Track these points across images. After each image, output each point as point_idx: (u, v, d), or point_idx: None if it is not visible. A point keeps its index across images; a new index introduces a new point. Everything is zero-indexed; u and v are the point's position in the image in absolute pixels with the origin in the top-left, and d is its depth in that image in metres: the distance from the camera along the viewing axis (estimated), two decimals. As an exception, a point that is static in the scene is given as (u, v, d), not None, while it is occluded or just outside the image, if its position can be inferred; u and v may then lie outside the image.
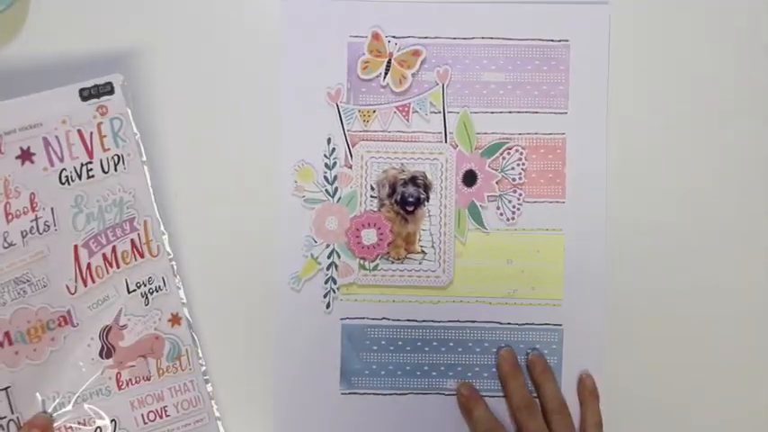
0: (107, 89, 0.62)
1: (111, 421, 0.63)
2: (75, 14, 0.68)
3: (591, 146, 0.69)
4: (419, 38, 0.69)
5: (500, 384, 0.68)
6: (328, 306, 0.68)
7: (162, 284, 0.64)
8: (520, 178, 0.69)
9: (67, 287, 0.62)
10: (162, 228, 0.64)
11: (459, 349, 0.69)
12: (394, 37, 0.68)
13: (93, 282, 0.62)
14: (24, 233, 0.60)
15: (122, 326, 0.63)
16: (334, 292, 0.68)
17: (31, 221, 0.61)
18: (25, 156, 0.61)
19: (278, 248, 0.68)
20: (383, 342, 0.68)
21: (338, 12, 0.68)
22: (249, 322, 0.68)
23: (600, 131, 0.69)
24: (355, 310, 0.68)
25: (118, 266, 0.62)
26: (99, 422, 0.63)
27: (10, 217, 0.60)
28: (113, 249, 0.62)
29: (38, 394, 0.62)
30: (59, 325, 0.62)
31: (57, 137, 0.61)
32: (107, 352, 0.63)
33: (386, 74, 0.68)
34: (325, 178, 0.68)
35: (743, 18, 0.70)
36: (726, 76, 0.70)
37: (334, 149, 0.69)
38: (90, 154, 0.62)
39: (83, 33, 0.68)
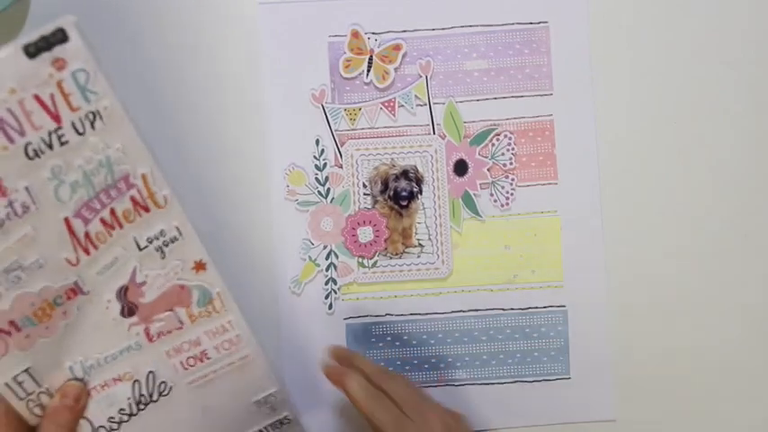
0: (58, 37, 0.49)
1: (149, 374, 0.58)
2: (75, 15, 0.68)
3: (579, 125, 0.69)
4: (398, 32, 0.69)
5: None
6: (330, 307, 0.68)
7: (177, 234, 0.56)
8: (511, 163, 0.69)
9: (67, 260, 0.54)
10: (165, 175, 0.56)
11: (465, 339, 0.69)
12: (373, 33, 0.68)
13: (96, 248, 0.54)
14: (1, 221, 0.51)
15: (140, 283, 0.57)
16: (335, 292, 0.68)
17: (5, 207, 0.51)
18: None
19: (275, 254, 0.68)
20: (388, 338, 0.68)
21: (316, 13, 0.68)
22: (252, 329, 0.68)
23: (587, 110, 0.69)
24: (358, 309, 0.68)
25: (121, 227, 0.55)
26: (135, 376, 0.58)
27: None
28: (112, 212, 0.54)
29: (64, 364, 0.57)
30: (68, 298, 0.55)
31: (9, 109, 0.49)
32: (129, 310, 0.57)
33: (368, 71, 0.68)
34: (317, 180, 0.68)
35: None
36: (708, 49, 0.70)
37: (323, 150, 0.69)
38: (57, 118, 0.50)
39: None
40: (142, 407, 0.59)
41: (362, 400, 0.58)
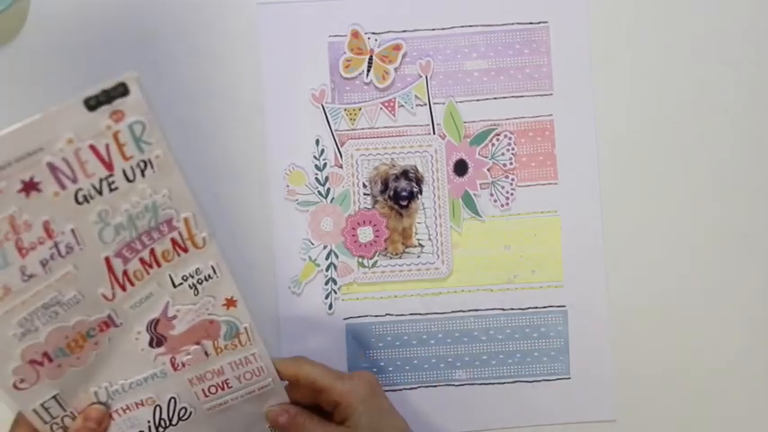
0: (120, 91, 0.50)
1: (171, 399, 0.59)
2: (75, 14, 0.68)
3: (579, 125, 0.69)
4: (398, 32, 0.69)
5: None
6: (330, 307, 0.68)
7: (212, 273, 0.57)
8: (511, 163, 0.69)
9: (104, 295, 0.55)
10: (207, 219, 0.57)
11: (465, 339, 0.69)
12: (373, 33, 0.68)
13: (133, 285, 0.55)
14: (44, 261, 0.52)
15: (171, 317, 0.57)
16: (335, 292, 0.68)
17: (50, 249, 0.52)
18: (29, 187, 0.51)
19: (275, 254, 0.68)
20: (389, 338, 0.68)
21: (316, 13, 0.68)
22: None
23: (587, 110, 0.69)
24: (358, 309, 0.68)
25: (159, 266, 0.56)
26: (158, 402, 0.59)
27: (24, 251, 0.52)
28: (152, 252, 0.55)
29: (91, 388, 0.58)
30: (101, 330, 0.56)
31: (64, 158, 0.50)
32: (157, 342, 0.58)
33: (368, 71, 0.68)
34: (317, 180, 0.68)
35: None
36: (708, 49, 0.70)
37: (323, 150, 0.69)
38: (109, 167, 0.51)
39: (82, 33, 0.68)
40: (161, 429, 0.60)
41: None
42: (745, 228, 0.70)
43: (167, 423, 0.60)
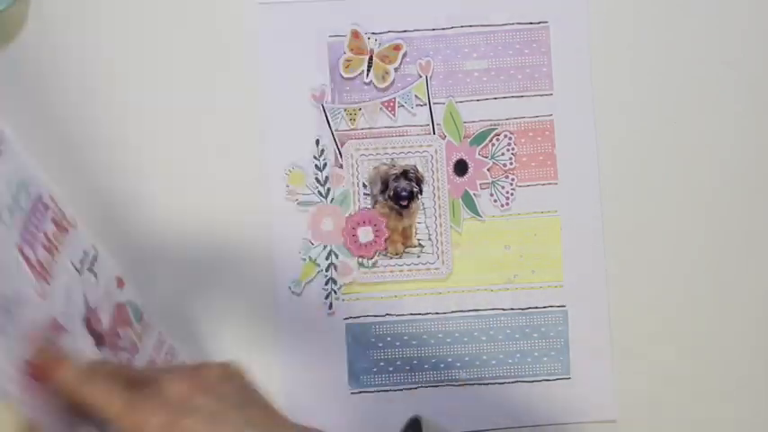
0: None
1: None
2: (75, 14, 0.68)
3: (579, 125, 0.69)
4: (398, 32, 0.69)
5: None
6: (330, 307, 0.68)
7: (95, 252, 0.58)
8: (511, 163, 0.69)
9: (38, 293, 0.54)
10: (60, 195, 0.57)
11: (465, 339, 0.69)
12: (373, 33, 0.68)
13: (50, 275, 0.55)
14: None
15: (94, 308, 0.58)
16: (335, 292, 0.68)
17: None
18: None
19: (275, 254, 0.68)
20: (389, 338, 0.68)
21: (316, 12, 0.68)
22: (252, 329, 0.68)
23: (587, 110, 0.69)
24: (358, 309, 0.68)
25: (57, 250, 0.56)
26: None
27: None
28: (45, 235, 0.55)
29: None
30: (56, 334, 0.55)
31: None
32: (98, 340, 0.58)
33: (368, 71, 0.68)
34: (317, 180, 0.68)
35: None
36: (708, 49, 0.70)
37: (323, 150, 0.69)
38: None
39: (82, 33, 0.68)
40: None
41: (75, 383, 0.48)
42: (745, 227, 0.70)
43: None
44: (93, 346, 0.56)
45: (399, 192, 0.68)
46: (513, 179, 0.69)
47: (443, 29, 0.69)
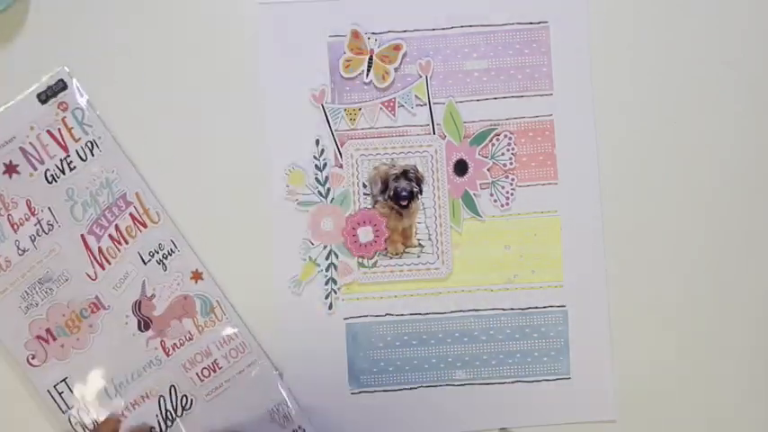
0: (60, 86, 0.66)
1: (171, 388, 0.66)
2: (75, 14, 0.68)
3: (579, 125, 0.69)
4: (398, 32, 0.69)
5: None
6: (330, 307, 0.68)
7: (173, 247, 0.67)
8: (511, 163, 0.69)
9: (88, 275, 0.66)
10: (154, 194, 0.67)
11: (465, 339, 0.69)
12: (373, 33, 0.68)
13: (109, 263, 0.66)
14: (33, 237, 0.65)
15: (150, 296, 0.66)
16: (335, 292, 0.68)
17: (35, 225, 0.65)
18: (10, 169, 0.66)
19: (275, 254, 0.68)
20: (389, 338, 0.68)
21: (316, 12, 0.68)
22: (252, 329, 0.68)
23: (587, 110, 0.69)
24: (358, 309, 0.68)
25: (126, 242, 0.66)
26: (160, 392, 0.66)
27: (15, 227, 0.65)
28: (117, 228, 0.66)
29: (98, 380, 0.66)
30: (92, 311, 0.66)
31: (31, 143, 0.66)
32: (144, 324, 0.66)
33: (368, 71, 0.68)
34: (317, 180, 0.68)
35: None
36: (708, 49, 0.70)
37: (323, 150, 0.69)
38: (65, 149, 0.66)
39: (82, 33, 0.68)
40: (170, 423, 0.66)
41: None
42: (745, 227, 0.70)
43: (173, 415, 0.66)
44: (135, 327, 0.66)
45: (399, 192, 0.68)
46: (513, 179, 0.69)
47: (443, 29, 0.69)
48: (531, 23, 0.69)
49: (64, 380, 0.66)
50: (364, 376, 0.68)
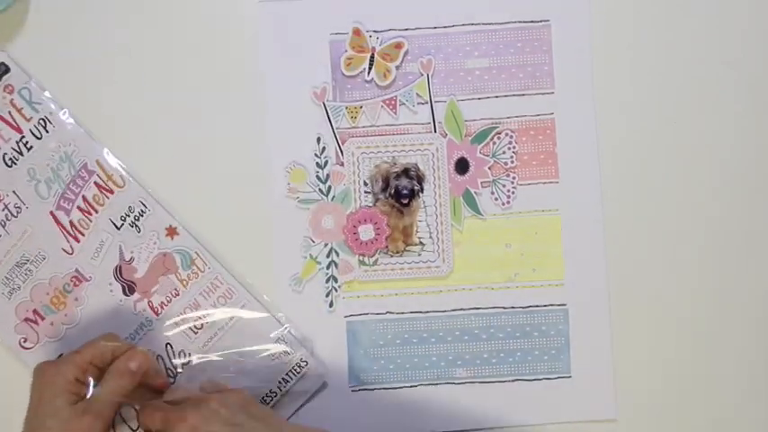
0: (2, 69, 0.67)
1: (166, 346, 0.66)
2: (75, 14, 0.68)
3: (580, 123, 0.69)
4: (400, 30, 0.69)
5: None
6: (331, 305, 0.68)
7: (143, 207, 0.67)
8: (512, 162, 0.69)
9: (64, 250, 0.66)
10: (115, 158, 0.67)
11: (466, 337, 0.68)
12: (375, 31, 0.68)
13: (83, 234, 0.66)
14: (3, 222, 0.66)
15: (129, 260, 0.67)
16: (335, 290, 0.68)
17: (3, 210, 0.66)
18: None
19: (276, 251, 0.68)
20: (389, 336, 0.68)
21: (317, 10, 0.68)
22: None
23: (588, 108, 0.69)
24: (359, 307, 0.68)
25: (96, 211, 0.66)
26: (158, 352, 0.66)
27: None
28: (84, 198, 0.66)
29: None
30: (75, 285, 0.66)
31: None
32: (129, 288, 0.66)
33: (370, 69, 0.68)
34: (318, 177, 0.68)
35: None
36: (708, 49, 0.70)
37: (324, 148, 0.69)
38: (18, 129, 0.66)
39: (82, 33, 0.68)
40: (172, 381, 0.66)
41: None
42: (745, 226, 0.70)
43: (174, 372, 0.66)
44: (121, 293, 0.67)
45: (400, 190, 0.68)
46: (514, 177, 0.69)
47: (445, 27, 0.69)
48: (533, 22, 0.69)
49: (60, 356, 0.65)
50: (365, 374, 0.68)
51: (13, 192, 0.66)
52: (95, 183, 0.66)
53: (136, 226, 0.67)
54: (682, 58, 0.70)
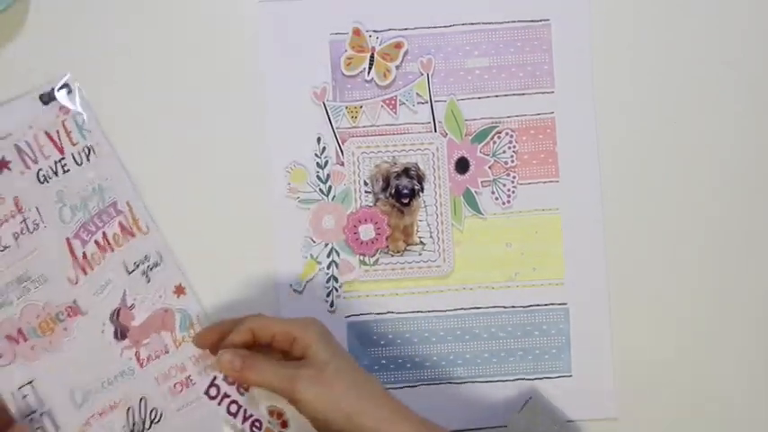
0: (64, 90, 0.66)
1: (141, 400, 0.65)
2: (75, 14, 0.68)
3: (580, 123, 0.69)
4: (399, 30, 0.69)
5: None
6: (332, 305, 0.68)
7: (159, 259, 0.66)
8: (512, 161, 0.69)
9: (68, 278, 0.65)
10: (145, 206, 0.67)
11: (467, 337, 0.68)
12: (375, 31, 0.68)
13: (92, 269, 0.65)
14: (16, 234, 0.65)
15: (130, 306, 0.66)
16: (336, 290, 0.68)
17: (21, 223, 0.65)
18: (1, 165, 0.65)
19: (277, 251, 0.68)
20: (390, 336, 0.68)
21: (317, 10, 0.68)
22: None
23: (588, 108, 0.69)
24: (359, 307, 0.68)
25: (112, 250, 0.66)
26: (129, 403, 0.65)
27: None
28: (104, 235, 0.66)
29: (66, 386, 0.64)
30: (69, 315, 0.65)
31: (27, 141, 0.65)
32: (121, 333, 0.65)
33: (370, 68, 0.68)
34: (318, 177, 0.68)
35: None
36: (708, 49, 0.70)
37: (324, 148, 0.69)
38: (60, 150, 0.66)
39: (82, 33, 0.68)
40: None
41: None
42: (745, 227, 0.70)
43: (141, 427, 0.65)
44: (111, 335, 0.65)
45: (401, 189, 0.68)
46: (514, 177, 0.69)
47: (445, 26, 0.69)
48: (533, 21, 0.69)
49: (30, 382, 0.64)
50: (365, 374, 0.68)
51: (36, 208, 0.65)
52: (120, 222, 0.66)
53: (147, 276, 0.66)
54: (682, 58, 0.70)
